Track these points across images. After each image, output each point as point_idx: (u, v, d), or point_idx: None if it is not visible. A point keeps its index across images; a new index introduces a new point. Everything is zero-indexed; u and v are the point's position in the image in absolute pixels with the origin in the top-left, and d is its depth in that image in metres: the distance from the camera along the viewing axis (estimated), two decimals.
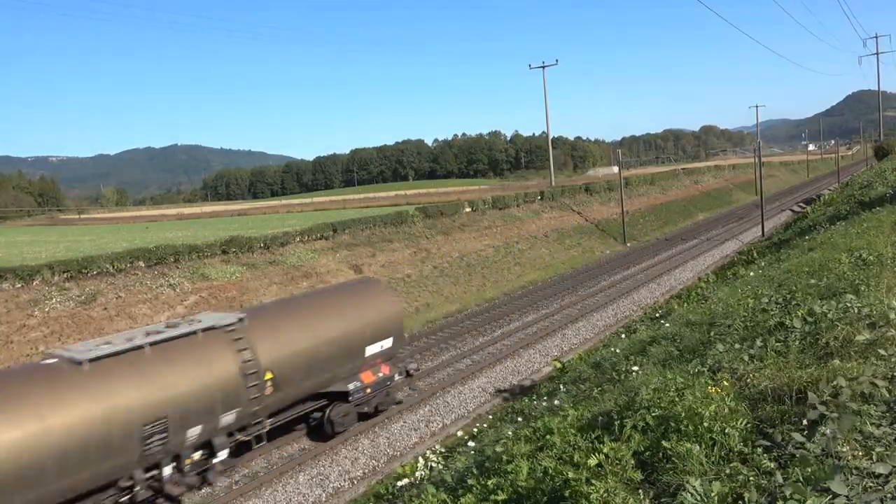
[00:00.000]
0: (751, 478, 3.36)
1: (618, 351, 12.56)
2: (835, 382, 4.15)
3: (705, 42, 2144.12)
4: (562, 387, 12.30)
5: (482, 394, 18.43)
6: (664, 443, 3.98)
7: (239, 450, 13.36)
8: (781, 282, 10.06)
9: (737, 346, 6.08)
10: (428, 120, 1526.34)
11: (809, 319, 6.07)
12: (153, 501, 11.62)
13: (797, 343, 5.45)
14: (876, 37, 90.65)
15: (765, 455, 3.60)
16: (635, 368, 8.10)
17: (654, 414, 4.43)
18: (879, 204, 20.11)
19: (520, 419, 11.94)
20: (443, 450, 12.69)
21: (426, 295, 30.28)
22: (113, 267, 23.18)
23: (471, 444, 11.81)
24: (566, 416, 5.54)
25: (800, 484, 2.96)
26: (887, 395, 3.94)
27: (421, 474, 10.75)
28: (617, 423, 4.63)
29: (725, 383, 4.69)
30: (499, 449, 5.80)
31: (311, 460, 14.75)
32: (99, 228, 68.22)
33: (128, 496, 11.00)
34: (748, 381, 4.79)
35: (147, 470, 11.17)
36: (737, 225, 50.95)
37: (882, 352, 4.70)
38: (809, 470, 3.05)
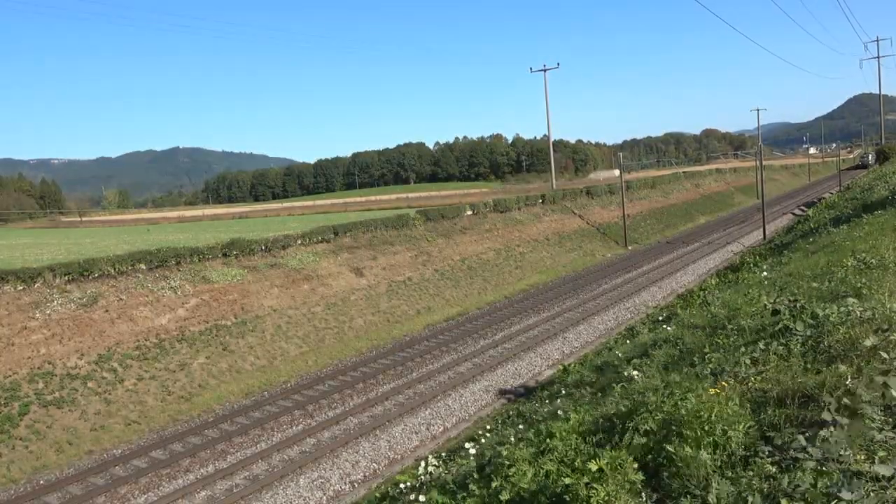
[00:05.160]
0: (754, 481, 3.35)
1: (619, 354, 12.53)
2: (838, 386, 4.14)
3: (707, 45, 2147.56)
4: (563, 390, 12.27)
5: (483, 397, 18.41)
6: (667, 446, 3.97)
7: None
8: (783, 285, 10.04)
9: (739, 349, 6.06)
10: (429, 123, 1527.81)
11: (812, 323, 6.05)
12: None
13: (800, 347, 5.43)
14: (877, 40, 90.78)
15: (768, 459, 3.59)
16: (636, 372, 8.08)
17: (656, 417, 4.42)
18: (881, 207, 20.08)
19: (521, 422, 11.91)
20: (443, 453, 12.65)
21: (427, 298, 30.28)
22: (114, 269, 23.20)
23: (472, 447, 11.77)
24: (568, 419, 5.52)
25: (802, 488, 2.95)
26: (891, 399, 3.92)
27: (422, 478, 10.71)
28: (619, 426, 4.62)
29: (730, 385, 4.68)
30: (501, 452, 5.78)
31: (311, 463, 14.73)
32: (100, 231, 68.38)
33: None
34: (751, 384, 4.77)
35: None
36: (738, 228, 50.90)
37: (885, 355, 4.69)
38: (813, 474, 3.05)
